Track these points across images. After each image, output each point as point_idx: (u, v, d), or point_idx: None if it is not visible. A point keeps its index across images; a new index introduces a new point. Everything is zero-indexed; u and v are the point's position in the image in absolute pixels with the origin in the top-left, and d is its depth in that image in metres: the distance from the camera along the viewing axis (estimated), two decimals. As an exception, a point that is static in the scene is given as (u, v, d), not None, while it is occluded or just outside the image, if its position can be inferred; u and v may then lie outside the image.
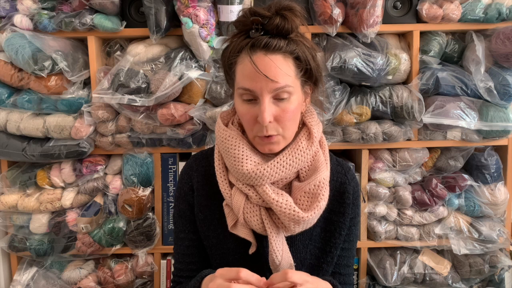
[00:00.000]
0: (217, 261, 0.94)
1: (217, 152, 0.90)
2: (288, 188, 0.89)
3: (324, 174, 0.86)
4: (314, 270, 0.94)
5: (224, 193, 0.87)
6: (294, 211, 0.81)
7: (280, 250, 0.85)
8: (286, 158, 0.84)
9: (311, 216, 0.82)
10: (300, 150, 0.86)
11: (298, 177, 0.89)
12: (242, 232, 0.87)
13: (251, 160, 0.83)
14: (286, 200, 0.82)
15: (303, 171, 0.88)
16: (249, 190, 0.84)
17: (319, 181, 0.84)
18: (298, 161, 0.85)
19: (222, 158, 0.89)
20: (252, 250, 0.88)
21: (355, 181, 0.97)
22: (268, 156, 0.87)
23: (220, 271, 0.74)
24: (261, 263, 0.90)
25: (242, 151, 0.84)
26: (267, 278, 0.87)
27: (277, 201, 0.81)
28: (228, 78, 0.89)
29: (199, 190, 0.95)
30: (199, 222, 0.95)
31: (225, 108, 1.45)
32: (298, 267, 0.92)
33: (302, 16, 0.83)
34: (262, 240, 0.89)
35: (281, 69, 0.78)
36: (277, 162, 0.83)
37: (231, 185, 0.87)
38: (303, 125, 0.90)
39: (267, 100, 0.79)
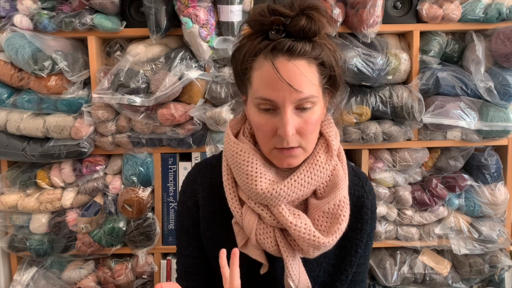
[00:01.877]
0: None
1: (226, 165, 0.82)
2: (304, 205, 0.81)
3: (344, 191, 0.78)
4: (330, 283, 0.88)
5: (234, 211, 0.79)
6: (314, 236, 0.73)
7: (297, 274, 0.79)
8: (304, 175, 0.76)
9: (332, 242, 0.75)
10: (319, 166, 0.77)
11: (315, 193, 0.80)
12: (253, 253, 0.80)
13: (265, 178, 0.75)
14: (305, 224, 0.74)
15: (321, 188, 0.80)
16: (262, 210, 0.76)
17: (339, 199, 0.77)
18: (317, 177, 0.77)
19: (231, 172, 0.81)
20: (263, 270, 0.82)
21: (373, 193, 0.89)
22: (283, 172, 0.79)
23: None
24: (273, 283, 0.84)
25: (256, 168, 0.75)
26: None
27: (295, 225, 0.73)
28: (240, 84, 0.79)
29: (205, 206, 0.86)
30: (205, 240, 0.88)
31: (225, 108, 1.45)
32: (311, 283, 0.84)
33: (328, 16, 0.73)
34: (276, 259, 0.82)
35: (306, 77, 0.69)
36: (294, 181, 0.75)
37: (241, 202, 0.79)
38: (320, 135, 0.81)
39: (290, 111, 0.70)
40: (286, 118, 0.69)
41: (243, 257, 0.80)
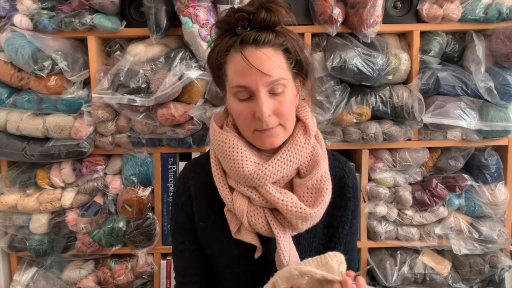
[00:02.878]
0: (222, 269, 0.93)
1: (214, 157, 0.88)
2: (289, 186, 0.88)
3: (324, 167, 0.86)
4: None
5: (225, 198, 0.85)
6: (301, 208, 0.80)
7: (287, 250, 0.84)
8: (286, 155, 0.83)
9: (318, 212, 0.81)
10: (299, 145, 0.84)
11: (298, 174, 0.88)
12: (247, 237, 0.85)
13: (250, 161, 0.82)
14: (291, 198, 0.81)
15: (303, 167, 0.87)
16: (251, 192, 0.82)
17: (320, 175, 0.84)
18: (298, 156, 0.84)
19: (220, 162, 0.87)
20: (258, 254, 0.86)
21: (353, 174, 0.96)
22: (266, 156, 0.86)
23: None
24: (267, 266, 0.88)
25: (241, 153, 0.82)
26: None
27: (282, 200, 0.80)
28: (218, 80, 0.86)
29: (198, 199, 0.92)
30: (200, 232, 0.93)
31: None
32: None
33: (286, 7, 0.80)
34: (267, 242, 0.88)
35: (273, 61, 0.77)
36: (278, 160, 0.82)
37: (231, 189, 0.85)
38: (297, 120, 0.89)
39: (264, 95, 0.78)
40: (261, 101, 0.77)
41: (237, 245, 0.87)
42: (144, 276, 1.59)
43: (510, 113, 1.48)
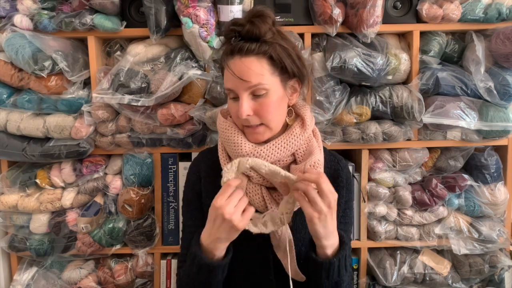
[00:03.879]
0: None
1: (220, 144, 1.03)
2: (286, 171, 0.96)
3: (318, 156, 0.97)
4: (314, 246, 0.99)
5: None
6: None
7: None
8: (281, 142, 0.96)
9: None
10: (294, 135, 0.97)
11: (295, 161, 1.00)
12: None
13: (248, 144, 0.96)
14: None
15: (299, 155, 0.99)
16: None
17: (314, 161, 0.95)
18: (292, 144, 0.97)
19: (225, 148, 1.01)
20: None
21: (347, 169, 1.10)
22: (262, 143, 0.98)
23: (214, 204, 0.87)
24: (265, 240, 0.97)
25: (241, 138, 0.97)
26: (271, 254, 0.99)
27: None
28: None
29: (206, 178, 1.06)
30: (206, 208, 0.97)
31: (226, 107, 1.45)
32: (298, 244, 1.00)
33: (271, 20, 0.93)
34: None
35: (253, 70, 0.90)
36: (273, 145, 0.96)
37: None
38: (297, 115, 1.03)
39: (245, 97, 0.92)
40: (240, 103, 0.93)
41: None
42: (144, 276, 1.59)
43: (510, 113, 1.48)
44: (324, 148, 1.06)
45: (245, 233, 0.94)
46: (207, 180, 1.06)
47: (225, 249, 0.91)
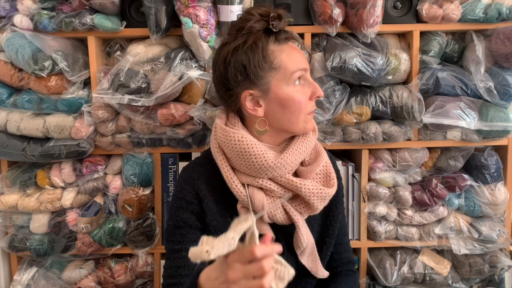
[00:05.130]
0: None
1: (220, 156, 0.93)
2: (294, 176, 0.95)
3: (326, 157, 0.97)
4: (320, 245, 1.01)
5: (238, 194, 0.89)
6: (321, 189, 0.89)
7: (305, 233, 0.92)
8: (300, 145, 0.92)
9: (333, 191, 0.92)
10: (309, 139, 0.95)
11: (301, 163, 0.97)
12: (262, 229, 0.91)
13: (269, 153, 0.89)
14: (310, 182, 0.90)
15: (307, 158, 0.97)
16: (269, 184, 0.89)
17: (325, 161, 0.95)
18: (309, 146, 0.95)
19: (227, 160, 0.92)
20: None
21: (335, 165, 1.07)
22: (274, 147, 0.95)
23: (232, 257, 0.66)
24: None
25: (260, 147, 0.88)
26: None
27: (305, 185, 0.88)
28: (260, 78, 0.89)
29: (208, 197, 0.95)
30: (213, 230, 0.94)
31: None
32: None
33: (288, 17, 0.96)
34: (276, 232, 0.94)
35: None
36: (295, 149, 0.91)
37: (243, 186, 0.91)
38: None
39: None
40: (314, 84, 0.92)
41: None
42: (144, 276, 1.59)
43: (510, 113, 1.48)
44: None
45: None
46: (209, 200, 0.95)
47: None
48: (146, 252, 1.57)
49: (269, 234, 0.87)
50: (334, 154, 1.71)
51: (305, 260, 0.95)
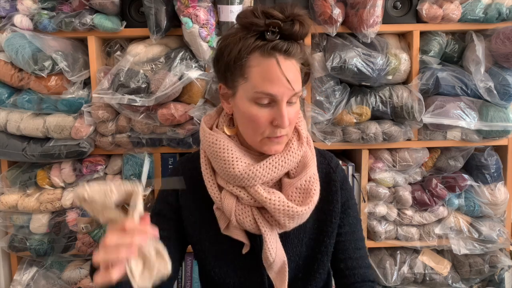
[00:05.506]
0: (212, 263, 0.94)
1: (204, 157, 0.89)
2: (278, 185, 0.89)
3: (313, 169, 0.88)
4: (310, 261, 0.95)
5: (214, 197, 0.87)
6: (288, 206, 0.82)
7: (274, 248, 0.86)
8: (278, 159, 0.85)
9: (305, 211, 0.83)
10: (292, 151, 0.87)
11: (287, 174, 0.89)
12: (235, 234, 0.87)
13: (241, 162, 0.83)
14: (279, 197, 0.83)
15: (293, 169, 0.89)
16: (239, 191, 0.84)
17: (309, 176, 0.86)
18: (289, 161, 0.86)
19: (209, 162, 0.89)
20: (245, 250, 0.89)
21: (340, 168, 0.99)
22: (257, 156, 0.88)
23: (111, 226, 0.65)
24: (256, 261, 0.90)
25: (232, 153, 0.84)
26: (263, 276, 0.91)
27: (270, 199, 0.82)
28: (229, 79, 0.83)
29: (187, 193, 0.94)
30: (190, 226, 0.94)
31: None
32: (294, 260, 0.93)
33: (311, 22, 0.82)
34: (256, 238, 0.90)
35: (298, 74, 0.81)
36: (269, 163, 0.84)
37: (220, 188, 0.87)
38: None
39: (285, 105, 0.80)
40: (284, 111, 0.79)
41: (227, 241, 0.90)
42: (144, 276, 1.59)
43: (510, 113, 1.48)
44: (315, 149, 0.97)
45: (234, 256, 0.90)
46: (187, 196, 0.94)
47: None
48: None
49: (246, 242, 0.88)
50: (334, 154, 1.71)
51: (273, 276, 0.89)
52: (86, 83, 1.51)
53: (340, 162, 1.55)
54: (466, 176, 1.56)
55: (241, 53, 0.79)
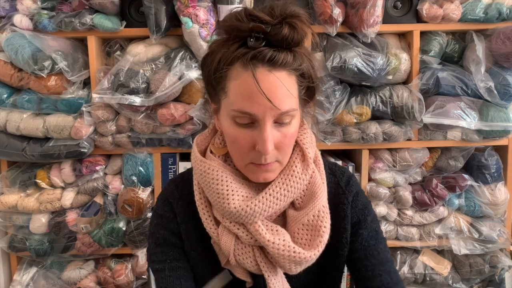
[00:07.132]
0: None
1: (197, 184, 0.77)
2: (282, 218, 0.77)
3: (323, 200, 0.74)
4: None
5: (210, 232, 0.75)
6: (294, 252, 0.69)
7: None
8: (280, 188, 0.71)
9: (314, 256, 0.70)
10: (295, 177, 0.72)
11: (293, 204, 0.76)
12: (236, 271, 0.77)
13: (238, 195, 0.70)
14: (284, 240, 0.69)
15: (299, 198, 0.76)
16: (238, 229, 0.72)
17: (318, 210, 0.72)
18: (293, 189, 0.72)
19: (203, 191, 0.76)
20: (248, 285, 0.79)
21: (351, 186, 0.82)
22: (257, 185, 0.75)
23: None
24: None
25: (227, 186, 0.70)
26: None
27: (273, 243, 0.69)
28: (212, 92, 0.72)
29: (186, 222, 0.81)
30: (191, 260, 0.83)
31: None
32: None
33: (310, 23, 0.67)
34: (259, 276, 0.78)
35: (287, 89, 0.65)
36: (270, 195, 0.70)
37: (217, 221, 0.75)
38: (295, 143, 0.75)
39: (269, 126, 0.65)
40: (266, 134, 0.65)
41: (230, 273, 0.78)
42: (144, 276, 1.59)
43: (510, 113, 1.48)
44: (324, 165, 0.81)
45: (237, 286, 0.80)
46: (187, 225, 0.81)
47: None
48: (146, 252, 1.57)
49: (248, 280, 0.77)
50: (334, 154, 1.71)
51: None
52: (86, 83, 1.51)
53: (341, 162, 1.56)
54: (466, 176, 1.56)
55: (221, 63, 0.66)
